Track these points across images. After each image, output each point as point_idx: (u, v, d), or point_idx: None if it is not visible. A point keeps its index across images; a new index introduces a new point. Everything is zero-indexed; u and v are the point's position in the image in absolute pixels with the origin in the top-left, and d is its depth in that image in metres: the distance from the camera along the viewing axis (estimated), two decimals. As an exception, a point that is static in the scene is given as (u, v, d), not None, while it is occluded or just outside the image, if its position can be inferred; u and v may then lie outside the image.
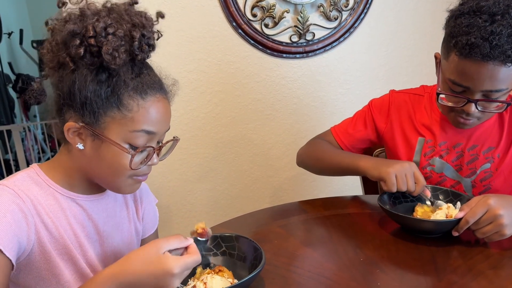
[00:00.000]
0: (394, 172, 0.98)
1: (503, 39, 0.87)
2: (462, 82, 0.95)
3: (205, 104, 1.74)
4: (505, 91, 0.93)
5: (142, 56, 0.74)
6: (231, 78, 1.75)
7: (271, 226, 1.05)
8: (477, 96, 0.95)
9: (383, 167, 1.00)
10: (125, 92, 0.74)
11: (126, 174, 0.78)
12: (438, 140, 1.13)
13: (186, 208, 1.83)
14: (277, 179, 1.93)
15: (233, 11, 1.66)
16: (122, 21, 0.73)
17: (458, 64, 0.94)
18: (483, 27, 0.88)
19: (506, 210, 0.84)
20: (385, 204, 1.00)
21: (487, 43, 0.87)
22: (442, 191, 1.05)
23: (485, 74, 0.90)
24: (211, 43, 1.69)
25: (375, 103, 1.25)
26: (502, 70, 0.89)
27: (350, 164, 1.11)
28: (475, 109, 0.96)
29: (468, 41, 0.89)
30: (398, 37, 1.90)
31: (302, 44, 1.77)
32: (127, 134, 0.75)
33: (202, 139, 1.77)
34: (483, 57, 0.88)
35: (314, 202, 1.18)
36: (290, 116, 1.88)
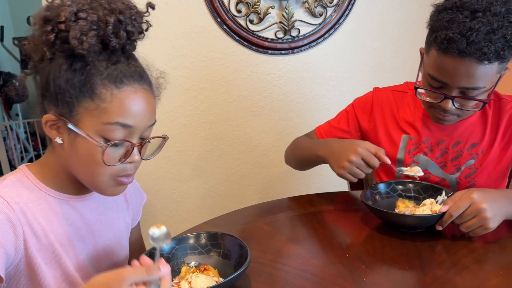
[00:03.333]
0: (345, 172, 0.99)
1: (480, 36, 0.86)
2: (440, 78, 0.95)
3: (190, 101, 1.72)
4: (482, 89, 0.93)
5: (117, 42, 0.70)
6: (216, 75, 1.73)
7: (258, 223, 1.04)
8: (454, 92, 0.95)
9: (334, 166, 1.03)
10: (98, 81, 0.70)
11: (104, 172, 0.74)
12: (422, 137, 1.13)
13: (172, 206, 1.82)
14: (264, 176, 1.92)
15: (217, 7, 1.64)
16: (99, 7, 0.70)
17: (436, 59, 0.94)
18: (463, 23, 0.88)
19: (489, 203, 0.85)
20: (368, 200, 1.00)
21: (464, 38, 0.87)
22: (422, 185, 1.05)
23: (462, 71, 0.91)
24: (196, 39, 1.67)
25: (358, 102, 1.25)
26: (479, 67, 0.89)
27: (315, 154, 1.13)
28: (452, 106, 0.96)
29: (447, 36, 0.89)
30: (383, 33, 1.91)
31: (288, 41, 1.77)
32: (100, 126, 0.71)
33: (188, 136, 1.75)
34: (460, 53, 0.89)
35: (300, 198, 1.18)
36: (276, 113, 1.87)
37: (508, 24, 0.88)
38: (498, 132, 1.07)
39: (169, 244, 0.69)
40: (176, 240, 0.83)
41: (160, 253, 0.80)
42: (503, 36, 0.87)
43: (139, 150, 0.76)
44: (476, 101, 0.95)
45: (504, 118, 1.07)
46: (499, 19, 0.87)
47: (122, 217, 0.95)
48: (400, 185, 1.07)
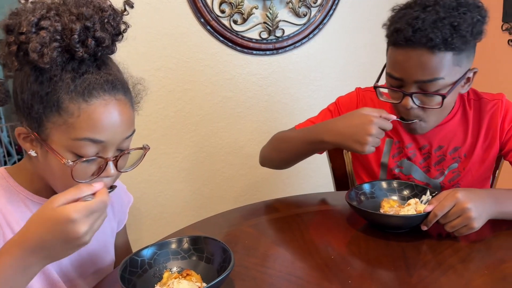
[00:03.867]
0: (370, 146, 0.93)
1: (426, 23, 0.86)
2: (395, 74, 0.94)
3: (174, 102, 1.70)
4: (441, 82, 0.90)
5: (85, 52, 0.66)
6: (200, 76, 1.71)
7: (242, 226, 1.02)
8: (412, 88, 0.93)
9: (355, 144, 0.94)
10: (65, 95, 0.66)
11: None
12: (405, 142, 1.12)
13: (157, 209, 1.79)
14: (250, 178, 1.91)
15: (200, 7, 1.62)
16: (65, 12, 0.65)
17: (391, 55, 0.94)
18: (411, 14, 0.89)
19: (474, 203, 0.85)
20: (352, 201, 1.00)
21: (410, 27, 0.87)
22: (407, 185, 1.05)
23: (413, 62, 0.89)
24: (179, 40, 1.65)
25: (342, 101, 1.22)
26: (430, 58, 0.88)
27: (314, 140, 1.04)
28: (413, 104, 0.94)
29: (395, 27, 0.90)
30: (367, 33, 1.91)
31: (272, 41, 1.76)
32: (70, 142, 0.67)
33: (172, 138, 1.73)
34: (407, 41, 0.88)
35: (286, 200, 1.17)
36: (261, 113, 1.86)
37: (457, 14, 0.87)
38: (480, 133, 1.06)
39: None
40: (158, 245, 0.81)
41: (141, 259, 0.79)
42: (450, 24, 0.86)
43: (115, 164, 0.72)
44: (436, 95, 0.92)
45: (485, 119, 1.06)
46: (448, 10, 0.87)
47: (108, 221, 0.93)
48: (385, 184, 1.07)
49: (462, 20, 0.86)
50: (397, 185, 1.06)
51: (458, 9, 0.87)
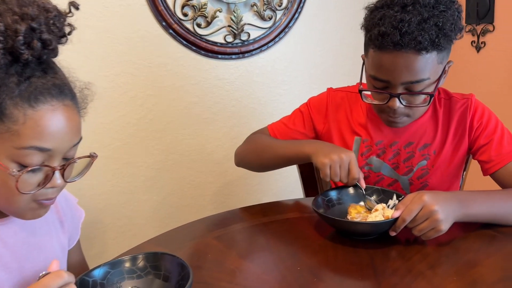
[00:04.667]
0: (329, 163, 0.95)
1: (412, 26, 0.86)
2: (381, 76, 0.93)
3: (137, 109, 1.63)
4: (427, 82, 0.91)
5: (30, 54, 0.61)
6: (164, 81, 1.65)
7: (206, 238, 0.97)
8: (399, 89, 0.93)
9: (320, 156, 0.97)
10: (8, 100, 0.61)
11: (20, 200, 0.65)
12: (375, 139, 1.11)
13: (122, 221, 1.71)
14: (219, 185, 1.86)
15: (161, 10, 1.57)
16: (8, 12, 0.60)
17: (374, 58, 0.93)
18: (394, 16, 0.87)
19: (440, 205, 0.83)
20: (319, 208, 0.96)
21: (397, 31, 0.86)
22: (373, 189, 1.03)
23: (401, 64, 0.89)
24: (140, 44, 1.59)
25: (313, 102, 1.21)
26: (418, 59, 0.88)
27: (297, 151, 1.06)
28: (400, 105, 0.94)
29: (380, 31, 0.88)
30: (333, 35, 1.90)
31: (238, 45, 1.72)
32: (13, 151, 0.62)
33: (135, 147, 1.66)
34: (395, 46, 0.87)
35: (253, 208, 1.12)
36: (229, 119, 1.81)
37: (439, 13, 0.87)
38: (449, 131, 1.06)
39: None
40: (111, 264, 0.75)
41: (92, 279, 0.73)
42: (435, 24, 0.86)
43: (62, 173, 0.67)
44: (423, 94, 0.93)
45: (454, 117, 1.06)
46: (429, 9, 0.87)
47: (56, 238, 0.86)
48: (351, 190, 1.04)
49: (444, 19, 0.87)
50: (363, 190, 1.03)
51: (438, 7, 0.88)
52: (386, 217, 0.89)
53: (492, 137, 1.03)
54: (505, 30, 1.70)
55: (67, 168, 0.69)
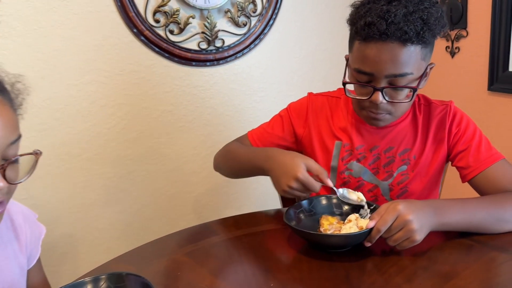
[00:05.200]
0: (288, 193, 0.93)
1: (399, 17, 0.86)
2: (366, 68, 0.92)
3: (107, 118, 1.58)
4: (411, 77, 0.91)
5: None
6: (135, 89, 1.60)
7: (177, 254, 0.93)
8: (383, 83, 0.92)
9: (276, 186, 0.97)
10: None
11: None
12: (355, 144, 1.10)
13: (93, 235, 1.65)
14: (195, 195, 1.81)
15: (132, 17, 1.53)
16: None
17: (360, 50, 0.93)
18: (380, 8, 0.88)
19: (415, 215, 0.81)
20: (291, 220, 0.93)
21: (383, 20, 0.86)
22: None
23: (386, 56, 0.88)
24: (110, 51, 1.54)
25: (293, 106, 1.20)
26: (402, 51, 0.88)
27: (256, 166, 1.04)
28: (383, 99, 0.93)
29: (366, 21, 0.88)
30: (309, 42, 1.89)
31: (212, 52, 1.68)
32: None
33: (107, 157, 1.60)
34: (381, 35, 0.87)
35: (226, 221, 1.08)
36: (204, 127, 1.77)
37: (424, 8, 0.88)
38: (429, 137, 1.06)
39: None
40: (70, 286, 0.70)
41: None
42: (420, 17, 0.87)
43: (3, 174, 0.63)
44: (406, 88, 0.93)
45: (433, 123, 1.06)
46: (414, 4, 0.89)
47: (13, 257, 0.81)
48: (322, 200, 1.01)
49: (429, 14, 0.88)
50: (335, 200, 1.01)
51: (422, 3, 0.89)
52: (360, 228, 0.87)
53: (470, 144, 1.03)
54: (478, 35, 1.71)
55: (9, 168, 0.64)
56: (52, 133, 1.50)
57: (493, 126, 1.72)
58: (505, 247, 0.86)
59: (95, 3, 1.50)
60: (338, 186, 1.11)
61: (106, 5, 1.51)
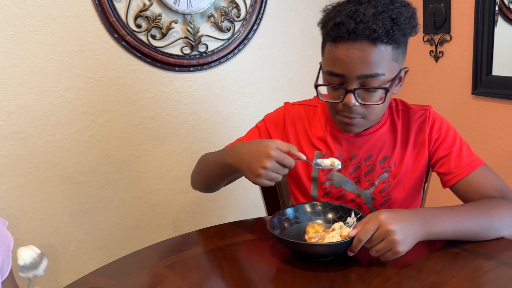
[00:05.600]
0: (262, 179, 0.87)
1: (367, 16, 0.85)
2: (337, 70, 0.91)
3: (88, 125, 1.54)
4: (383, 78, 0.89)
5: None
6: (117, 95, 1.57)
7: (157, 267, 0.90)
8: (355, 84, 0.90)
9: (249, 174, 0.89)
10: None
11: None
12: (335, 153, 1.07)
13: (74, 245, 1.61)
14: (179, 203, 1.78)
15: (113, 22, 1.49)
16: None
17: (330, 52, 0.91)
18: (349, 9, 0.87)
19: (398, 225, 0.79)
20: (275, 229, 0.91)
21: (352, 20, 0.85)
22: (332, 207, 0.98)
23: (356, 56, 0.87)
24: (90, 57, 1.50)
25: (270, 118, 1.17)
26: (373, 51, 0.86)
27: (223, 164, 0.99)
28: (355, 102, 0.91)
29: (335, 22, 0.87)
30: (293, 47, 1.87)
31: (195, 57, 1.66)
32: None
33: (87, 165, 1.57)
34: (349, 35, 0.86)
35: (208, 231, 1.06)
36: (188, 133, 1.75)
37: (394, 8, 0.88)
38: (408, 143, 1.04)
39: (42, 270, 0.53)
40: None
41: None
42: (389, 17, 0.86)
43: None
44: (378, 89, 0.91)
45: (413, 128, 1.05)
46: (384, 4, 0.87)
47: None
48: (309, 207, 1.00)
49: (399, 13, 0.87)
50: (321, 208, 0.99)
51: (393, 4, 0.88)
52: (343, 237, 0.85)
53: (451, 149, 1.01)
54: (461, 39, 1.72)
55: None
56: (31, 141, 1.46)
57: (478, 130, 1.72)
58: (491, 254, 0.85)
59: (74, 8, 1.46)
60: (320, 197, 1.09)
61: (85, 10, 1.48)
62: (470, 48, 1.67)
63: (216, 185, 1.13)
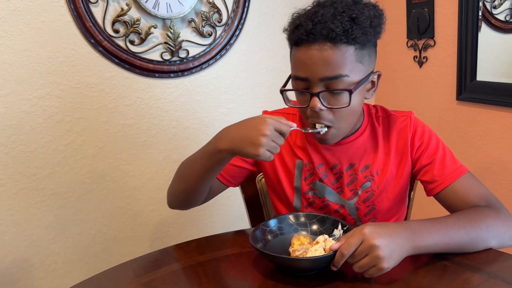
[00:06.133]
0: (264, 149, 0.82)
1: (326, 17, 0.84)
2: (300, 74, 0.88)
3: (64, 134, 1.48)
4: (347, 80, 0.86)
5: None
6: (94, 103, 1.52)
7: (132, 285, 0.85)
8: (319, 87, 0.88)
9: (248, 147, 0.84)
10: None
11: None
12: (316, 162, 1.04)
13: (50, 259, 1.54)
14: (160, 213, 1.73)
15: (89, 27, 1.44)
16: None
17: (294, 56, 0.90)
18: (310, 11, 0.87)
19: (383, 239, 0.75)
20: (257, 242, 0.87)
21: (310, 21, 0.85)
22: (318, 218, 0.95)
23: (317, 57, 0.85)
24: (66, 63, 1.45)
25: None
26: (333, 52, 0.84)
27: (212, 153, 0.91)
28: (321, 105, 0.88)
29: (295, 25, 0.87)
30: (276, 52, 1.84)
31: (176, 63, 1.61)
32: None
33: (64, 176, 1.50)
34: (308, 36, 0.84)
35: (188, 245, 1.01)
36: (169, 141, 1.70)
37: (354, 9, 0.86)
38: (391, 150, 1.02)
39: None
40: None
41: None
42: (349, 16, 0.85)
43: None
44: (343, 92, 0.87)
45: (394, 135, 1.02)
46: (345, 6, 0.86)
47: None
48: (293, 218, 0.96)
49: (360, 13, 0.86)
50: (306, 219, 0.95)
51: (356, 5, 0.87)
52: (327, 251, 0.81)
53: (434, 157, 0.99)
54: (446, 44, 1.71)
55: None
56: (4, 151, 1.40)
57: (463, 136, 1.71)
58: (480, 267, 0.82)
59: (49, 13, 1.41)
60: (303, 208, 1.06)
61: (60, 14, 1.43)
62: (454, 53, 1.67)
63: (199, 188, 1.03)
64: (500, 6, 1.49)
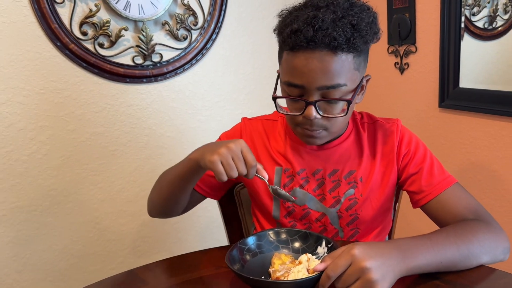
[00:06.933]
0: (219, 158, 0.80)
1: (326, 22, 0.79)
2: (296, 81, 0.84)
3: (27, 143, 1.38)
4: (344, 89, 0.83)
5: None
6: (60, 110, 1.42)
7: (93, 313, 0.76)
8: (315, 96, 0.83)
9: (207, 154, 0.82)
10: None
11: None
12: (296, 168, 0.99)
13: (12, 278, 1.42)
14: (132, 227, 1.63)
15: (55, 28, 1.35)
16: None
17: (288, 61, 0.85)
18: (307, 15, 0.80)
19: (375, 261, 0.68)
20: (234, 263, 0.79)
21: (310, 27, 0.79)
22: (300, 234, 0.88)
23: (316, 65, 0.80)
24: (29, 67, 1.35)
25: (226, 135, 1.08)
26: (333, 60, 0.80)
27: (186, 163, 0.90)
28: (317, 114, 0.84)
29: (292, 29, 0.80)
30: (255, 57, 1.78)
31: (149, 67, 1.53)
32: None
33: (26, 188, 1.40)
34: (308, 43, 0.79)
35: (158, 266, 0.92)
36: (142, 150, 1.61)
37: (353, 13, 0.81)
38: (376, 157, 0.97)
39: None
40: None
41: None
42: (349, 23, 0.80)
43: None
44: (340, 101, 0.85)
45: (380, 142, 0.98)
46: (343, 10, 0.81)
47: None
48: (274, 235, 0.89)
49: (359, 19, 0.81)
50: (287, 235, 0.88)
51: (353, 9, 0.82)
52: (311, 271, 0.74)
53: (422, 166, 0.94)
54: (427, 50, 1.68)
55: None
56: (-42, 161, 1.29)
57: (445, 143, 1.68)
58: (473, 286, 0.76)
59: (10, 13, 1.31)
60: (282, 217, 1.00)
61: (23, 15, 1.33)
62: (436, 60, 1.63)
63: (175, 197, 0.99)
64: (479, 13, 1.46)
